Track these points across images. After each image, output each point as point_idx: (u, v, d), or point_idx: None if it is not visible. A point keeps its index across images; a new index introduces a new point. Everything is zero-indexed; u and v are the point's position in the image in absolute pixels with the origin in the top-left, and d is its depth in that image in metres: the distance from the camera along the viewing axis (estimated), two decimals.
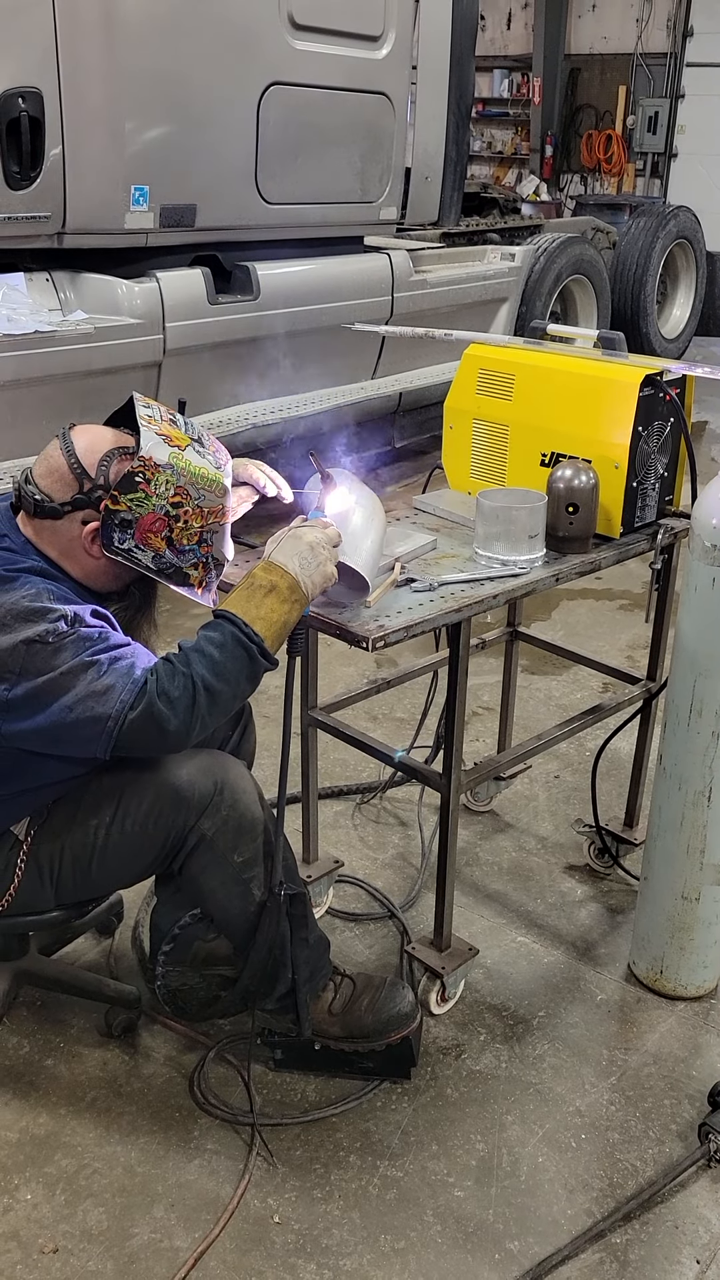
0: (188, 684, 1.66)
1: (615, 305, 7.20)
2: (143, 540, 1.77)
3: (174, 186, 4.09)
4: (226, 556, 1.89)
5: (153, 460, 1.75)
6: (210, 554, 1.84)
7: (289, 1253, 1.81)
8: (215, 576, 1.89)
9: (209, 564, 1.85)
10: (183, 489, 1.77)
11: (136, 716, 1.65)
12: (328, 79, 4.54)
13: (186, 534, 1.79)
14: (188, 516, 1.78)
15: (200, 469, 1.79)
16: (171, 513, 1.77)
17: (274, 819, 1.96)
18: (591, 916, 2.60)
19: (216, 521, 1.83)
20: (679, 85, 10.86)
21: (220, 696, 1.69)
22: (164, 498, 1.75)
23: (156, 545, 1.78)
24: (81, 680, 1.65)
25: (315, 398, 4.93)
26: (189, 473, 1.78)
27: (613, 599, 4.40)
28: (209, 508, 1.81)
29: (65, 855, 1.88)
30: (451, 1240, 1.84)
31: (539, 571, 2.10)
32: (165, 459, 1.76)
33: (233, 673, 1.70)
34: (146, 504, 1.75)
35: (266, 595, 1.72)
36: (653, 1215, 1.89)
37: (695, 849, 2.19)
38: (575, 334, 2.63)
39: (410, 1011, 2.08)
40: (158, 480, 1.75)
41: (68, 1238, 1.83)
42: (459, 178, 5.69)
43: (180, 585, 1.84)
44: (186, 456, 1.78)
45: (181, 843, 1.87)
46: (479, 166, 12.17)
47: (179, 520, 1.78)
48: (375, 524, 1.99)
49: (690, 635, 2.10)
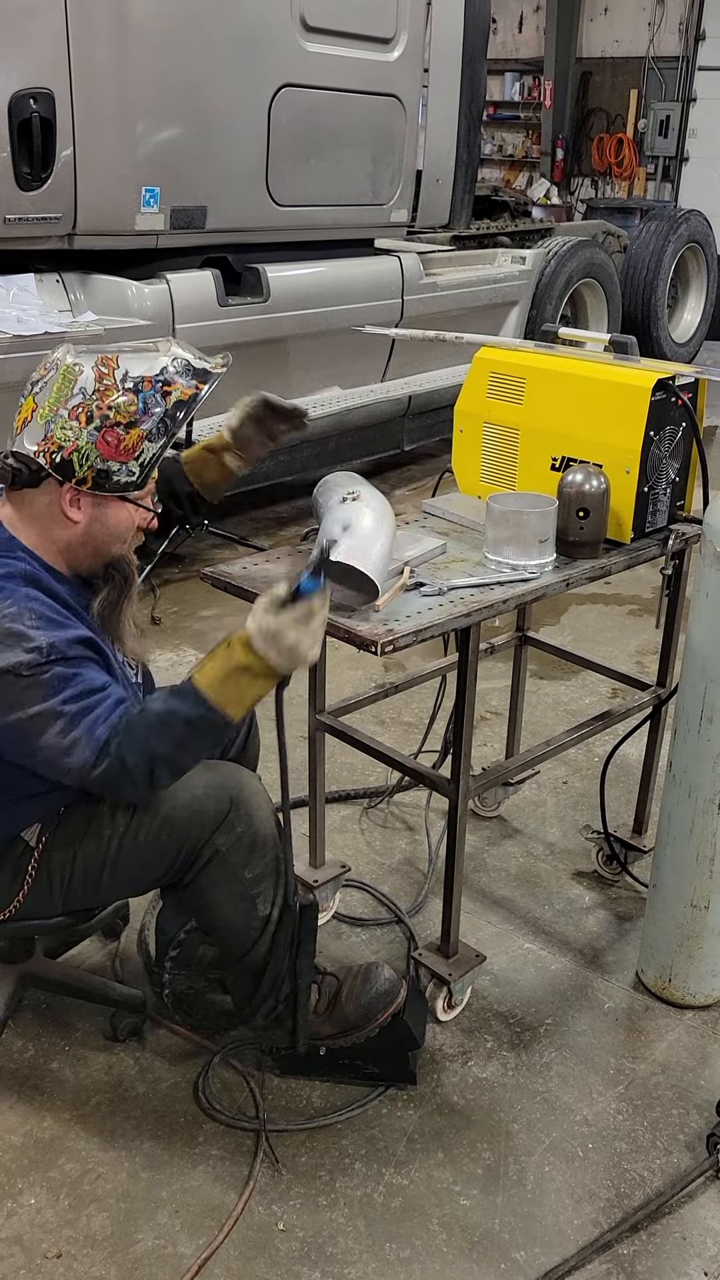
0: (146, 758, 1.70)
1: (626, 309, 7.19)
2: (108, 454, 1.75)
3: (184, 188, 4.09)
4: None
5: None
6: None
7: (293, 1260, 1.80)
8: None
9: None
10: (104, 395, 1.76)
11: (98, 775, 1.70)
12: (339, 81, 4.54)
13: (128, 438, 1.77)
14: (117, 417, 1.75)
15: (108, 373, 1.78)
16: (110, 419, 1.75)
17: (285, 835, 1.95)
18: (599, 924, 2.59)
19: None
20: (690, 89, 10.83)
21: (181, 767, 1.77)
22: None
23: (118, 456, 1.76)
24: (48, 730, 1.69)
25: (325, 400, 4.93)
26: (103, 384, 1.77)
27: (622, 604, 4.38)
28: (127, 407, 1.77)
29: (76, 864, 1.88)
30: (457, 1249, 1.83)
31: (549, 576, 2.09)
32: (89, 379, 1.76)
33: (197, 748, 1.76)
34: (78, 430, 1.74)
35: (242, 675, 1.72)
36: (660, 1226, 1.87)
37: (705, 856, 2.18)
38: (587, 337, 2.62)
39: (390, 989, 2.06)
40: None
41: (71, 1243, 1.82)
42: (470, 180, 5.70)
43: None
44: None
45: (195, 857, 1.86)
46: (490, 170, 12.17)
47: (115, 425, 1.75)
48: (385, 528, 1.98)
49: (701, 641, 2.09)
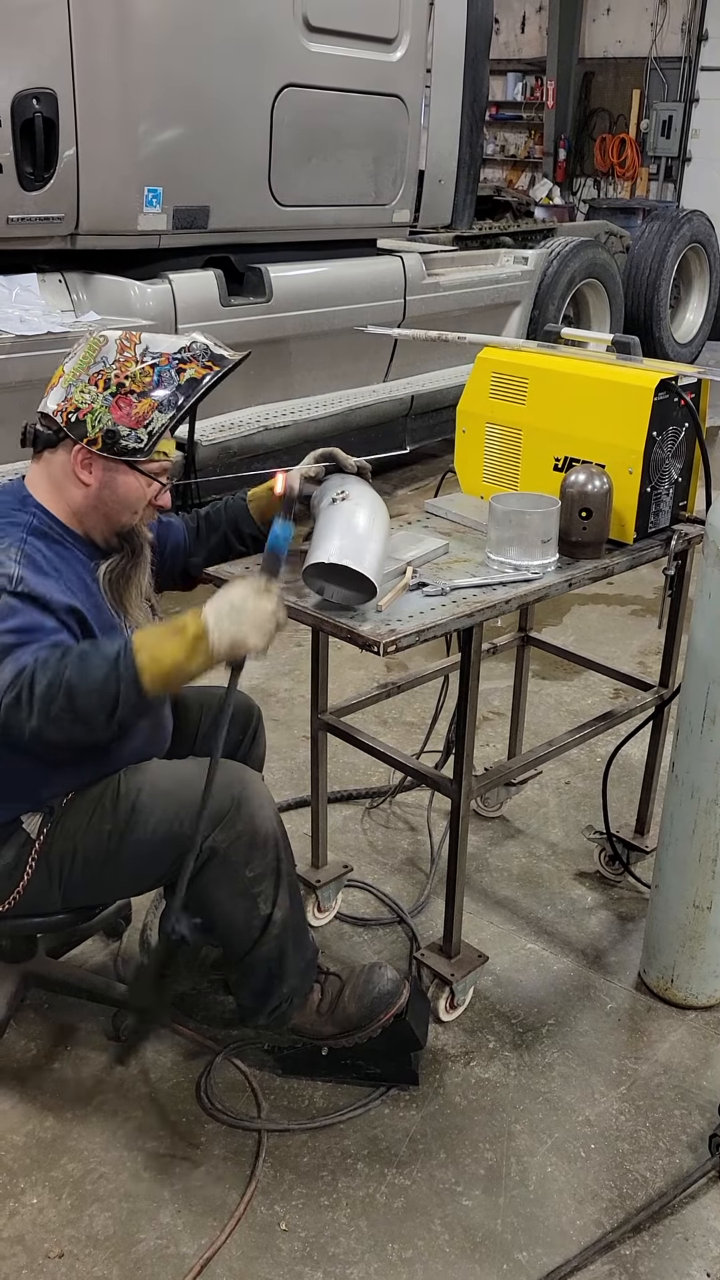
0: (54, 680, 1.62)
1: (628, 309, 7.19)
2: (119, 419, 1.81)
3: (187, 188, 4.09)
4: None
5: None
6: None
7: (295, 1260, 1.80)
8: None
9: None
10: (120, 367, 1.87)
11: (9, 702, 1.63)
12: (342, 81, 4.54)
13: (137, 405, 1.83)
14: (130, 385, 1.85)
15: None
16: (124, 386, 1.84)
17: (286, 835, 1.95)
18: (602, 924, 2.59)
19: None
20: (693, 89, 10.83)
21: (80, 706, 1.63)
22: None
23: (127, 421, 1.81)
24: None
25: (327, 400, 4.93)
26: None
27: (625, 604, 4.38)
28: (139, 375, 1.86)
29: (77, 858, 1.88)
30: (459, 1250, 1.83)
31: (551, 577, 2.08)
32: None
33: (98, 688, 1.64)
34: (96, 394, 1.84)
35: (173, 635, 1.69)
36: (662, 1227, 1.87)
37: (707, 857, 2.18)
38: (589, 338, 2.61)
39: (392, 989, 2.06)
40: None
41: (74, 1242, 1.82)
42: (472, 181, 5.69)
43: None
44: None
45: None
46: (492, 170, 12.16)
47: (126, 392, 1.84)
48: (379, 524, 1.96)
49: (704, 641, 2.09)
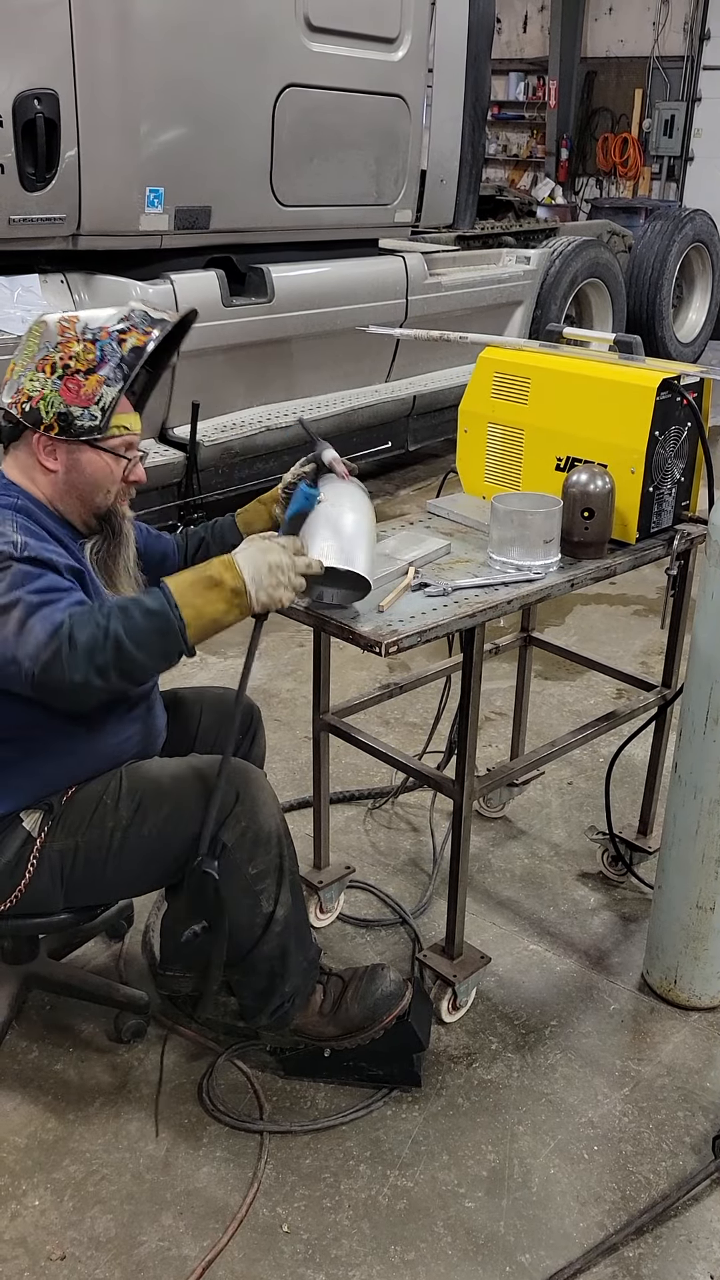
0: (97, 634, 1.64)
1: (630, 309, 7.18)
2: (70, 400, 1.82)
3: (189, 188, 4.09)
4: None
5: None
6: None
7: (298, 1263, 1.79)
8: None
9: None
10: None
11: (48, 659, 1.64)
12: (343, 81, 4.54)
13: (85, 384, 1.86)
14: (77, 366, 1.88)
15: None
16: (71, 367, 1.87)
17: (289, 833, 1.95)
18: (604, 925, 2.58)
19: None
20: (695, 89, 10.84)
21: (126, 657, 1.66)
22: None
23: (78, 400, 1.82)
24: (9, 617, 1.66)
25: (329, 400, 4.93)
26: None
27: (627, 604, 4.37)
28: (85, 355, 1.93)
29: (79, 856, 1.87)
30: (462, 1252, 1.82)
31: (554, 577, 2.08)
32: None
33: (147, 641, 1.67)
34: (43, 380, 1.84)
35: (211, 588, 1.72)
36: (666, 1229, 1.86)
37: (710, 858, 2.17)
38: (591, 337, 2.61)
39: (395, 990, 2.06)
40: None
41: (75, 1244, 1.81)
42: (474, 180, 5.69)
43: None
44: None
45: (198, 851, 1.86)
46: (494, 170, 12.16)
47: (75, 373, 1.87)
48: (365, 521, 1.93)
49: (706, 642, 2.08)
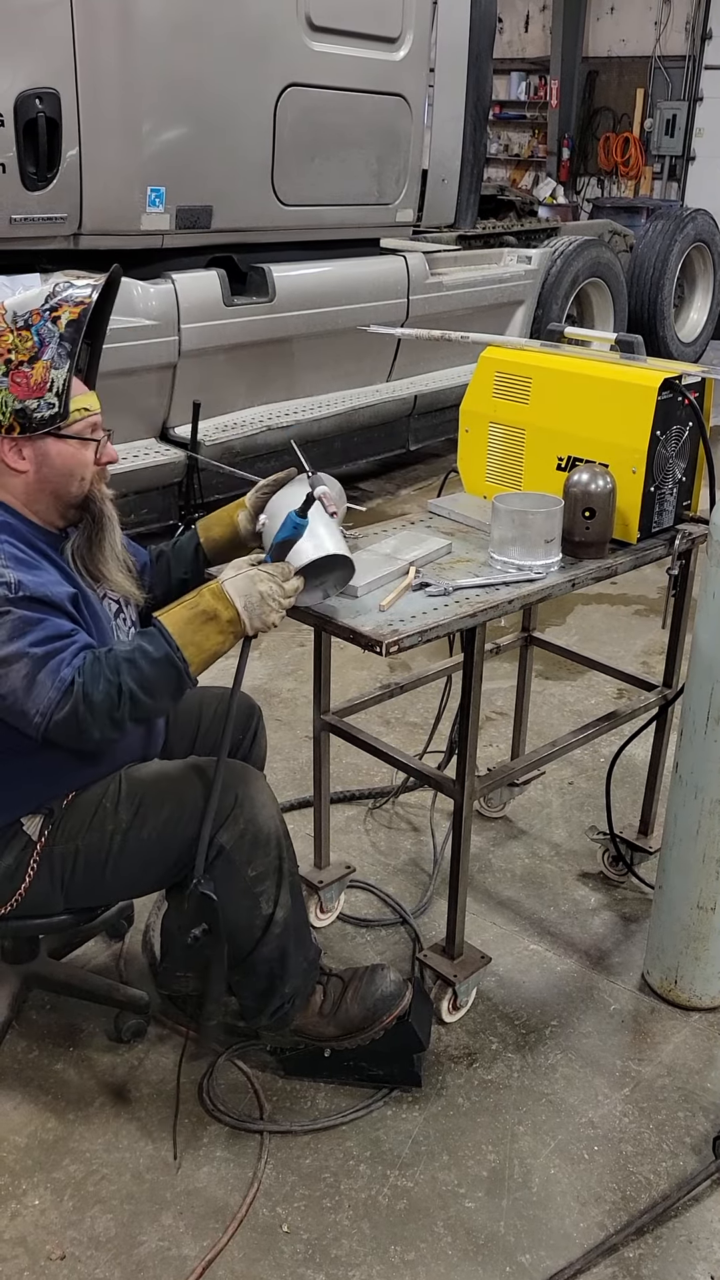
0: (111, 691, 1.69)
1: (632, 309, 7.18)
2: (22, 394, 1.76)
3: (190, 188, 4.09)
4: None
5: None
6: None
7: (298, 1263, 1.79)
8: None
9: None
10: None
11: (63, 717, 1.68)
12: (345, 81, 4.54)
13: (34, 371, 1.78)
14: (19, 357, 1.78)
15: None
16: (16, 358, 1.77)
17: (288, 834, 1.95)
18: (605, 925, 2.58)
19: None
20: (697, 88, 10.83)
21: (142, 708, 1.74)
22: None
23: (30, 391, 1.77)
24: (13, 670, 1.68)
25: (330, 400, 4.93)
26: None
27: (628, 604, 4.37)
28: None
29: (79, 859, 1.87)
30: (462, 1252, 1.82)
31: (555, 577, 2.08)
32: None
33: (159, 689, 1.74)
34: None
35: (207, 622, 1.76)
36: (666, 1229, 1.86)
37: (711, 858, 2.17)
38: (593, 337, 2.61)
39: (395, 990, 2.06)
40: None
41: (75, 1244, 1.81)
42: (476, 180, 5.69)
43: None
44: None
45: (197, 853, 1.86)
46: (495, 169, 12.15)
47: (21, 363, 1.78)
48: (315, 509, 1.85)
49: (708, 642, 2.08)
